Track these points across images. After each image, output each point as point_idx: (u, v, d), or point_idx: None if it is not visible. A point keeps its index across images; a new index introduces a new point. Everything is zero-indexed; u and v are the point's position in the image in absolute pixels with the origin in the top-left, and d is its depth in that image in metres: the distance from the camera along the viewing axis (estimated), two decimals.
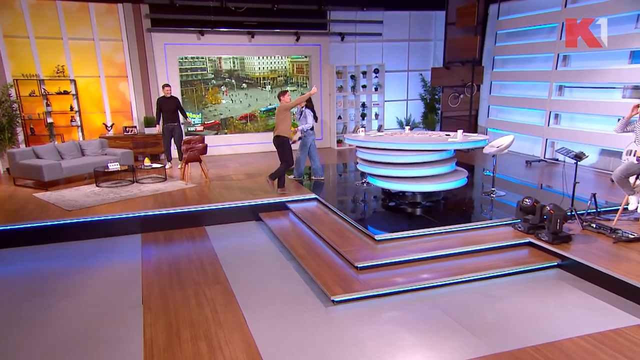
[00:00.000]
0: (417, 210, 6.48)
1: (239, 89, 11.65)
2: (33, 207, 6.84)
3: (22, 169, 8.12)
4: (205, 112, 11.47)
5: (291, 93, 12.02)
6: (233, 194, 7.48)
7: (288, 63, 11.96)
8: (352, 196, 7.48)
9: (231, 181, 8.44)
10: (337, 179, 9.12)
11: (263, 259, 5.65)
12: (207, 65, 11.32)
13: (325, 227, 6.06)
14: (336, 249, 5.40)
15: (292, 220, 6.78)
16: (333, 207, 6.66)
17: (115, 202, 7.07)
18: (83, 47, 10.20)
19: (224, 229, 6.74)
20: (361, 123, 12.41)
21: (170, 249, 6.02)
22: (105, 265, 5.54)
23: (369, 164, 6.68)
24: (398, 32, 12.49)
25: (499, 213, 6.27)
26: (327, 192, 7.65)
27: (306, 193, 7.42)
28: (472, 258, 5.21)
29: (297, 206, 7.05)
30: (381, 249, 5.29)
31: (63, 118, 10.23)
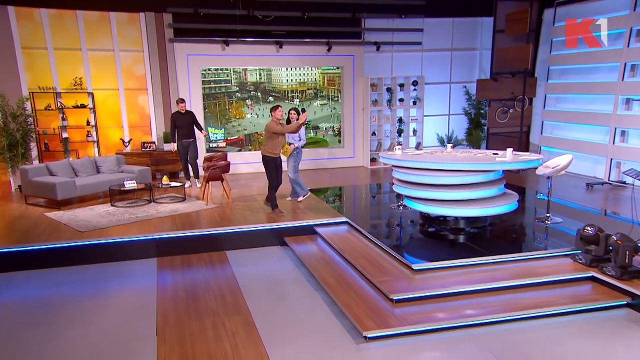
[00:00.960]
0: (460, 237, 6.34)
1: (265, 103, 11.83)
2: (44, 228, 7.04)
3: (35, 187, 8.41)
4: (228, 127, 11.67)
5: (320, 107, 12.13)
6: (256, 216, 7.50)
7: (318, 75, 12.10)
8: (387, 220, 7.41)
9: (255, 202, 8.49)
10: (371, 201, 9.08)
11: (288, 288, 5.61)
12: (232, 77, 11.57)
13: (357, 254, 5.99)
14: (369, 279, 5.32)
15: (320, 245, 6.74)
16: (366, 232, 6.59)
17: (131, 223, 7.21)
18: (102, 58, 10.61)
19: (246, 254, 6.75)
20: (397, 140, 12.37)
21: (188, 274, 6.06)
22: (117, 292, 5.61)
23: (406, 185, 6.60)
24: (440, 40, 12.49)
25: (556, 242, 6.07)
26: (359, 215, 7.60)
27: (336, 216, 7.38)
28: (525, 293, 5.03)
29: (326, 230, 7.01)
30: (420, 280, 5.17)
31: (79, 133, 10.60)
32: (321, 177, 11.17)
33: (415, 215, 7.25)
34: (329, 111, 12.32)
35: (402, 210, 7.65)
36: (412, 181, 6.48)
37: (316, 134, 12.28)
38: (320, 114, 12.27)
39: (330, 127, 12.39)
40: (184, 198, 8.74)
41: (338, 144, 12.49)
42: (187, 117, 9.59)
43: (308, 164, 12.13)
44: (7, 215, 7.91)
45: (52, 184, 8.11)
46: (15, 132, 9.51)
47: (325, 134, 12.38)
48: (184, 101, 9.63)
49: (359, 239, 6.55)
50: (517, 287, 5.12)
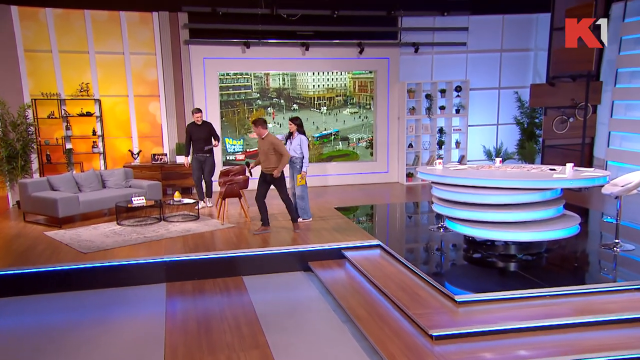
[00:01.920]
0: (511, 265, 6.23)
1: (289, 111, 11.92)
2: (43, 248, 7.17)
3: (34, 203, 8.61)
4: (247, 138, 11.78)
5: (351, 115, 12.15)
6: (277, 238, 7.52)
7: (348, 80, 12.15)
8: (425, 244, 7.35)
9: (275, 222, 8.51)
10: (406, 221, 9.05)
11: (312, 320, 5.58)
12: (252, 83, 11.72)
13: (390, 282, 5.94)
14: (405, 311, 5.25)
15: (349, 271, 6.70)
16: (401, 257, 6.52)
17: (138, 244, 7.30)
18: (111, 62, 10.90)
19: (265, 280, 6.74)
20: (438, 153, 12.30)
21: (200, 302, 6.07)
22: (122, 320, 5.66)
23: (448, 204, 6.53)
24: (488, 40, 12.42)
25: (626, 273, 5.91)
26: (393, 238, 7.55)
27: (367, 238, 7.34)
28: (589, 333, 4.87)
29: (355, 254, 6.97)
30: (464, 314, 5.08)
31: (84, 143, 10.86)
32: (350, 194, 11.15)
33: (458, 239, 7.16)
34: (360, 120, 12.33)
35: (443, 232, 7.57)
36: (454, 200, 6.41)
37: (348, 145, 12.30)
38: (350, 123, 12.29)
39: (361, 138, 12.39)
40: (197, 217, 8.83)
41: (370, 157, 12.47)
42: (204, 129, 9.55)
43: (335, 180, 12.15)
44: (4, 234, 8.10)
45: (53, 199, 8.30)
46: (15, 142, 9.82)
47: (355, 145, 12.38)
48: (200, 111, 9.55)
49: (393, 265, 6.50)
50: (578, 325, 4.96)
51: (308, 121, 11.97)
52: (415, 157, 12.37)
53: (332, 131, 12.21)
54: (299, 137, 8.16)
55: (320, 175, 12.10)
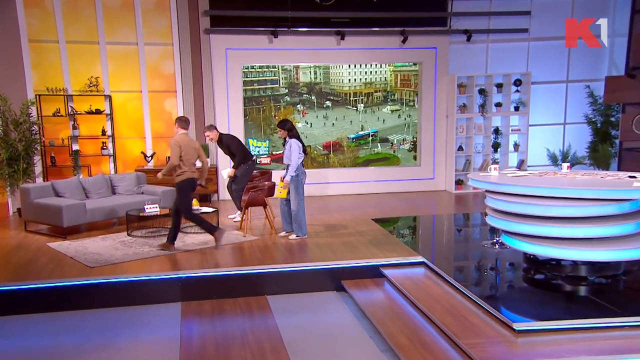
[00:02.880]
0: (580, 289, 6.07)
1: (321, 108, 11.91)
2: (46, 262, 7.26)
3: (37, 210, 8.76)
4: (273, 139, 11.81)
5: (391, 113, 12.07)
6: (307, 252, 7.50)
7: (389, 73, 12.10)
8: (477, 262, 7.28)
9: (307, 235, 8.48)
10: (455, 236, 8.99)
11: (346, 347, 5.52)
12: (280, 77, 11.76)
13: (437, 305, 5.85)
14: (454, 340, 5.16)
15: (388, 292, 6.63)
16: (449, 277, 6.42)
17: (151, 257, 7.34)
18: (123, 53, 11.10)
19: (292, 301, 6.71)
20: (493, 157, 12.17)
21: (219, 324, 6.07)
22: (131, 344, 5.67)
23: (505, 216, 6.41)
24: (553, 26, 12.15)
25: None
26: (440, 255, 7.48)
27: (409, 254, 7.27)
28: None
29: (396, 273, 6.89)
30: (524, 345, 4.96)
31: (92, 144, 11.06)
32: (390, 203, 11.10)
33: (517, 257, 7.01)
34: (402, 119, 12.26)
35: (499, 249, 7.45)
36: (513, 212, 6.28)
37: (390, 148, 12.25)
38: (390, 122, 12.22)
39: (403, 139, 12.31)
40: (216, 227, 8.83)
41: (413, 161, 12.38)
42: (223, 147, 9.51)
43: (373, 187, 12.12)
44: (2, 245, 8.25)
45: (57, 207, 8.43)
46: (17, 142, 10.04)
47: (396, 148, 12.32)
48: (213, 129, 9.28)
49: (440, 286, 6.41)
50: None
51: (345, 119, 11.96)
52: (466, 161, 12.27)
53: (369, 131, 12.17)
54: (289, 142, 8.08)
55: (355, 181, 12.09)
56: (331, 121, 12.01)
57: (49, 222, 8.68)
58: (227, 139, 9.41)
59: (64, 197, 8.96)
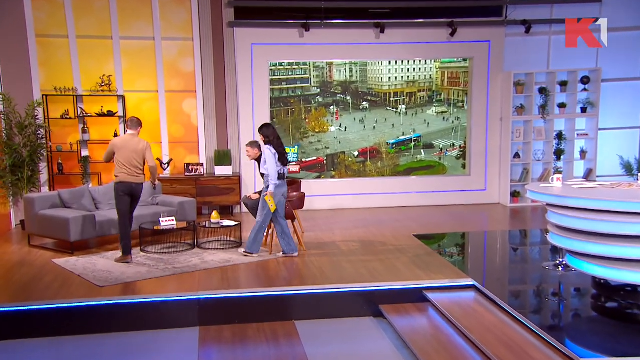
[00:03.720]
0: None
1: (357, 110, 11.88)
2: (51, 280, 7.32)
3: (42, 223, 8.86)
4: (303, 144, 11.82)
5: (437, 116, 11.95)
6: (340, 272, 7.45)
7: (435, 70, 12.03)
8: (536, 286, 7.23)
9: (338, 252, 8.45)
10: (511, 256, 8.92)
11: None
12: (311, 75, 11.78)
13: (489, 335, 5.78)
14: None
15: (432, 319, 6.58)
16: (503, 304, 6.33)
17: (166, 276, 7.36)
18: (139, 49, 11.25)
19: (323, 327, 6.68)
20: (555, 166, 12.05)
21: (241, 353, 6.05)
22: None
23: (570, 234, 6.31)
24: (628, 16, 12.02)
25: None
26: (493, 277, 7.44)
27: (457, 276, 7.20)
28: None
29: (441, 297, 6.81)
30: None
31: (103, 150, 10.98)
32: (435, 218, 11.03)
33: (585, 282, 6.91)
34: (450, 122, 12.16)
35: (562, 272, 7.36)
36: (579, 229, 6.18)
37: (439, 154, 12.15)
38: (436, 126, 12.14)
39: (450, 145, 12.20)
40: (239, 243, 8.85)
41: (462, 170, 12.27)
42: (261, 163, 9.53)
43: (415, 199, 12.06)
44: (4, 261, 8.35)
45: (64, 219, 8.50)
46: (22, 147, 10.19)
47: (442, 155, 12.21)
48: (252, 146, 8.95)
49: (493, 313, 6.33)
50: None
51: (384, 123, 11.90)
52: (523, 170, 12.14)
53: (412, 136, 12.10)
54: (265, 149, 7.99)
55: (395, 192, 12.03)
56: (368, 124, 11.97)
57: (55, 236, 8.77)
58: None
59: (72, 208, 9.06)
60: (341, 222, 10.58)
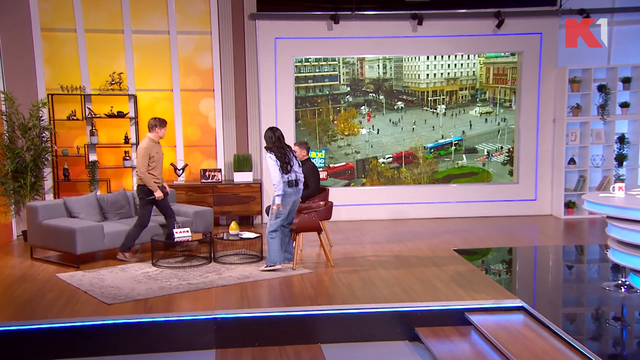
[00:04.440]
0: None
1: (391, 110, 11.85)
2: (54, 297, 7.36)
3: (46, 234, 8.92)
4: (331, 148, 11.81)
5: (480, 117, 11.86)
6: (372, 291, 7.42)
7: (479, 66, 11.96)
8: (594, 309, 7.16)
9: (369, 268, 8.42)
10: (565, 274, 8.85)
11: None
12: (341, 72, 11.78)
13: None
14: None
15: (475, 343, 6.53)
16: (556, 328, 6.26)
17: (180, 293, 7.37)
18: (152, 44, 11.34)
19: (353, 351, 6.67)
20: (617, 173, 11.93)
21: None
22: None
23: (634, 250, 6.21)
24: None
25: None
26: (544, 298, 7.38)
27: (503, 296, 7.14)
28: None
29: (486, 320, 6.76)
30: None
31: (113, 154, 11.31)
32: (478, 231, 10.97)
33: None
34: (495, 124, 12.09)
35: (625, 293, 7.28)
36: None
37: (481, 160, 12.09)
38: (479, 128, 12.07)
39: (496, 149, 12.11)
40: (260, 257, 8.85)
41: (509, 177, 12.18)
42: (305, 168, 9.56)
43: (455, 209, 12.01)
44: (4, 275, 8.42)
45: (70, 230, 8.55)
46: (25, 152, 10.26)
47: (486, 160, 12.12)
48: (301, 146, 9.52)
49: (545, 339, 6.25)
50: None
51: (421, 124, 11.84)
52: (579, 178, 12.06)
53: (452, 139, 12.03)
54: (268, 157, 8.13)
55: (433, 202, 11.99)
56: (403, 127, 11.92)
57: (60, 248, 8.82)
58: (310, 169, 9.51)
59: (78, 217, 9.13)
60: (372, 235, 10.55)
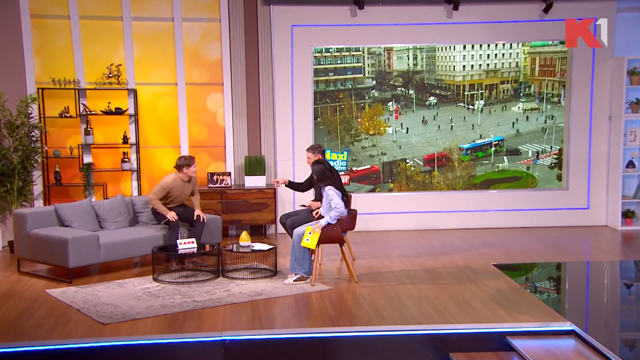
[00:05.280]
0: None
1: (422, 107, 11.82)
2: (44, 315, 7.34)
3: (35, 245, 8.90)
4: (354, 149, 11.79)
5: (523, 114, 11.78)
6: (400, 310, 7.37)
7: (523, 57, 11.91)
8: None
9: (397, 285, 8.38)
10: (623, 294, 8.79)
11: None
12: (365, 64, 11.76)
13: None
14: None
15: None
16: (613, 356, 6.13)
17: (185, 312, 7.34)
18: (154, 33, 11.37)
19: None
20: None
21: None
22: None
23: None
24: None
25: None
26: (598, 321, 7.32)
27: (551, 318, 7.06)
28: None
29: (531, 345, 6.66)
30: None
31: (110, 156, 11.35)
32: (522, 243, 10.91)
33: None
34: (541, 122, 12.04)
35: None
36: None
37: (525, 163, 12.04)
38: (523, 127, 12.06)
39: (541, 151, 12.04)
40: (274, 272, 8.83)
41: (557, 182, 12.14)
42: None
43: (495, 218, 11.97)
44: None
45: (62, 240, 8.53)
46: (12, 152, 10.32)
47: (531, 163, 12.06)
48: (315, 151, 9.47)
49: None
50: None
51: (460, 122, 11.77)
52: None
53: (492, 140, 11.98)
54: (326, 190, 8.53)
55: (470, 210, 11.97)
56: (436, 125, 11.90)
57: (50, 261, 8.81)
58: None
59: (71, 226, 9.13)
60: (401, 247, 10.51)
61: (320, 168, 8.49)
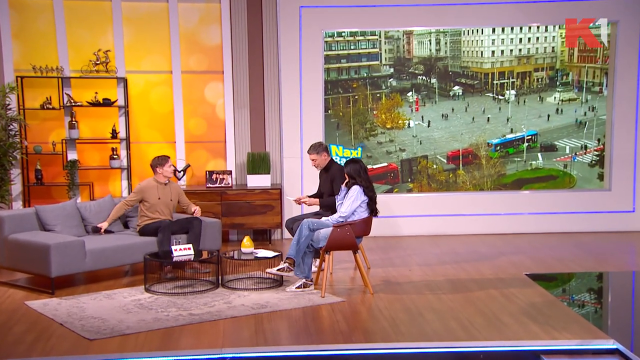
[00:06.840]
0: None
1: (446, 98, 11.84)
2: (23, 330, 7.33)
3: (13, 251, 8.91)
4: (369, 144, 11.81)
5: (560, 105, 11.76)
6: (421, 325, 7.36)
7: (559, 41, 11.87)
8: None
9: (417, 296, 8.37)
10: None
11: None
12: (382, 49, 11.75)
13: None
14: None
15: None
16: None
17: (180, 326, 7.34)
18: (146, 15, 11.40)
19: None
20: None
21: None
22: None
23: None
24: None
25: None
26: None
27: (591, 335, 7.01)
28: None
29: None
30: None
31: (97, 152, 11.38)
32: (557, 250, 10.90)
33: None
34: (581, 114, 12.01)
35: None
36: None
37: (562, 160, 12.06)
38: (559, 120, 12.04)
39: (581, 147, 12.02)
40: (280, 282, 8.83)
41: (598, 183, 12.11)
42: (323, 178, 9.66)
43: (527, 223, 11.99)
44: None
45: (43, 246, 8.52)
46: None
47: (569, 161, 12.05)
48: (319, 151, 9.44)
49: None
50: None
51: (484, 115, 11.78)
52: None
53: (524, 134, 11.97)
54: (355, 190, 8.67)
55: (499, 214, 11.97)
56: (461, 118, 11.93)
57: (30, 270, 8.83)
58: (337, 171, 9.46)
59: (54, 231, 9.14)
60: (421, 255, 10.54)
61: (357, 167, 8.52)
